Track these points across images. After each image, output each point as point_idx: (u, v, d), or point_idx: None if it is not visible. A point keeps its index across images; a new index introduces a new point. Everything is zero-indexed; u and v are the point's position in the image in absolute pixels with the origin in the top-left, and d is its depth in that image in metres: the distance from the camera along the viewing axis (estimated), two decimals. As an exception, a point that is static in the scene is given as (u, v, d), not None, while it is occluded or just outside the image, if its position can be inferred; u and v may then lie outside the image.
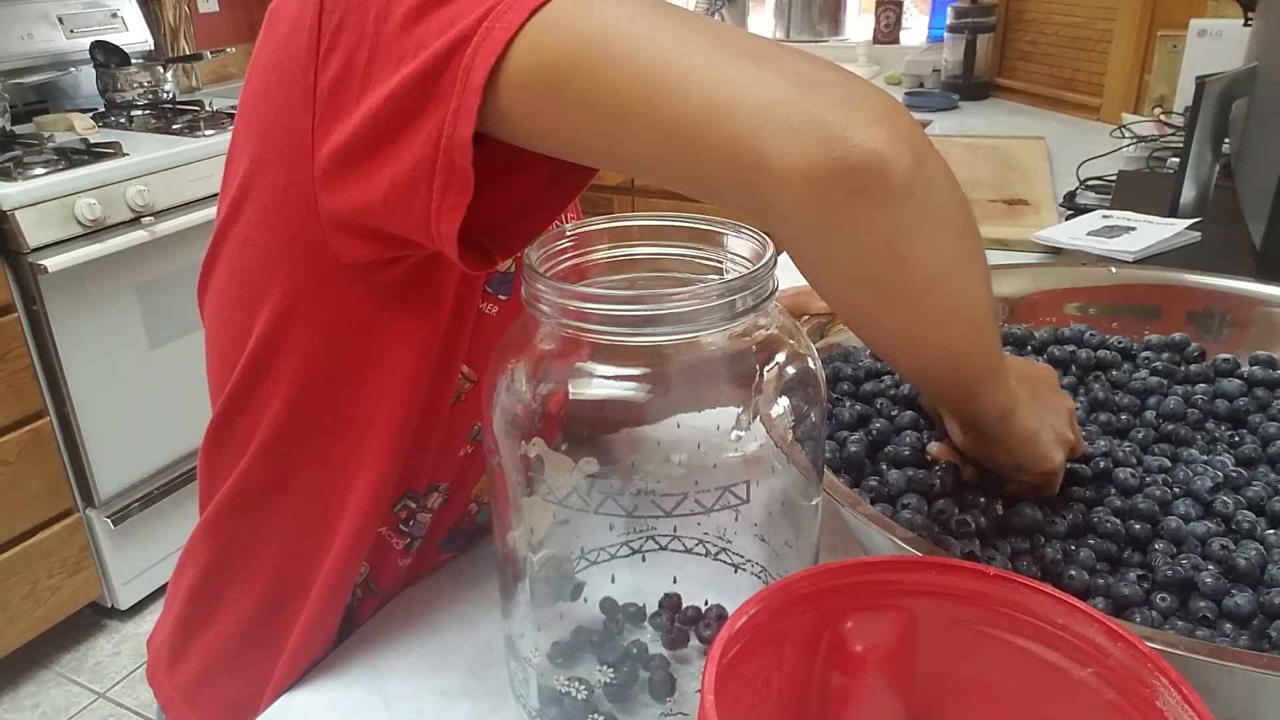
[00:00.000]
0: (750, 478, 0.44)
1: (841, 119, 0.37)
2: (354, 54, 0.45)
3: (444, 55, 0.41)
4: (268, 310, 0.54)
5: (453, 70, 0.41)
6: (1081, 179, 1.47)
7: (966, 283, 0.44)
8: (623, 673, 0.49)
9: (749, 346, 0.45)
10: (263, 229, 0.52)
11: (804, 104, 0.38)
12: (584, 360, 0.43)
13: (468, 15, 0.41)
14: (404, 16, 0.43)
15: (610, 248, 0.49)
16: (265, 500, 0.59)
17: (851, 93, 0.38)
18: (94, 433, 1.80)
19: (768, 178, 0.38)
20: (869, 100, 0.38)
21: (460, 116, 0.41)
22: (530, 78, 0.41)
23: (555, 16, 0.40)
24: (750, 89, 0.38)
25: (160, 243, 1.81)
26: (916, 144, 0.38)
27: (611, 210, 2.56)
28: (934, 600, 0.40)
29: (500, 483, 0.47)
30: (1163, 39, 1.80)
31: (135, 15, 2.38)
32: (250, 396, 0.57)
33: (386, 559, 0.63)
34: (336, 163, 0.47)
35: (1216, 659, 0.40)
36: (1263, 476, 0.60)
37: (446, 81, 0.41)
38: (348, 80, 0.46)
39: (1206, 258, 1.10)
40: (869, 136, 0.37)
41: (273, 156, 0.50)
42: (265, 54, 0.51)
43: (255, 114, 0.51)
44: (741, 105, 0.38)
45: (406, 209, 0.44)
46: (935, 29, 2.45)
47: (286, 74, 0.48)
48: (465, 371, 0.59)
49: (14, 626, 1.76)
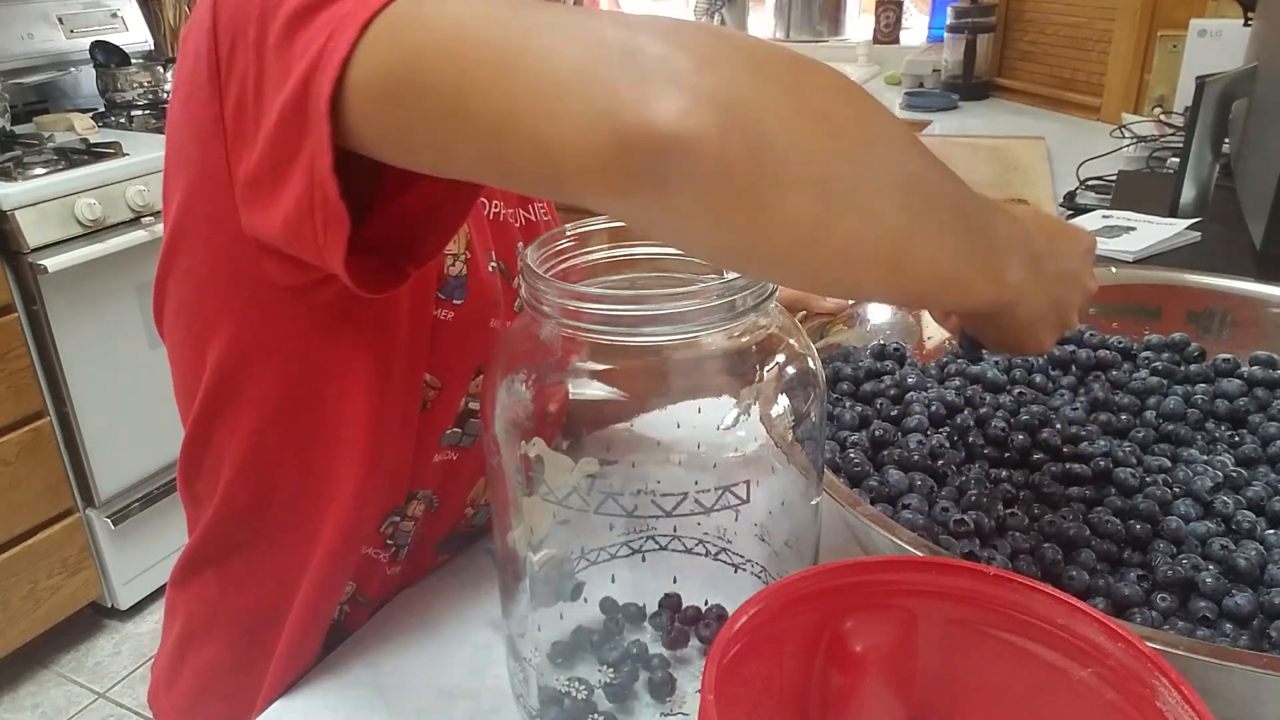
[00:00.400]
0: (750, 478, 0.44)
1: (628, 97, 0.32)
2: (244, 80, 0.44)
3: (302, 85, 0.40)
4: (218, 343, 0.53)
5: (310, 101, 0.40)
6: (1081, 179, 1.47)
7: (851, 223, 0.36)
8: (623, 673, 0.49)
9: (749, 346, 0.45)
10: (202, 261, 0.52)
11: (593, 87, 0.33)
12: (584, 360, 0.43)
13: (318, 38, 0.40)
14: (275, 42, 0.42)
15: (610, 248, 0.49)
16: (245, 525, 0.59)
17: (653, 58, 0.33)
18: (94, 433, 1.80)
19: (567, 178, 0.34)
20: (671, 62, 0.33)
21: (319, 148, 0.40)
22: (366, 97, 0.39)
23: (381, 30, 0.38)
24: (545, 82, 0.34)
25: (160, 243, 1.81)
26: (729, 103, 0.32)
27: (611, 210, 2.55)
28: (934, 600, 0.40)
29: (500, 483, 0.47)
30: (1163, 39, 1.80)
31: (135, 15, 2.38)
32: (215, 426, 0.56)
33: (373, 573, 0.63)
34: (246, 191, 0.46)
35: (1216, 659, 0.40)
36: (1263, 476, 0.60)
37: (309, 111, 0.40)
38: (243, 105, 0.45)
39: (1206, 258, 1.10)
40: (659, 112, 0.31)
41: (200, 190, 0.50)
42: (179, 82, 0.50)
43: (178, 145, 0.51)
44: (533, 102, 0.34)
45: (300, 241, 0.44)
46: (935, 29, 2.45)
47: (196, 102, 0.47)
48: (428, 379, 0.59)
49: (14, 626, 1.76)
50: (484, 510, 0.69)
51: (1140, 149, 1.60)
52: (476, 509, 0.68)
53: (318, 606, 0.58)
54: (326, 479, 0.56)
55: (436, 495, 0.64)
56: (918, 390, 0.68)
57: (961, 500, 0.56)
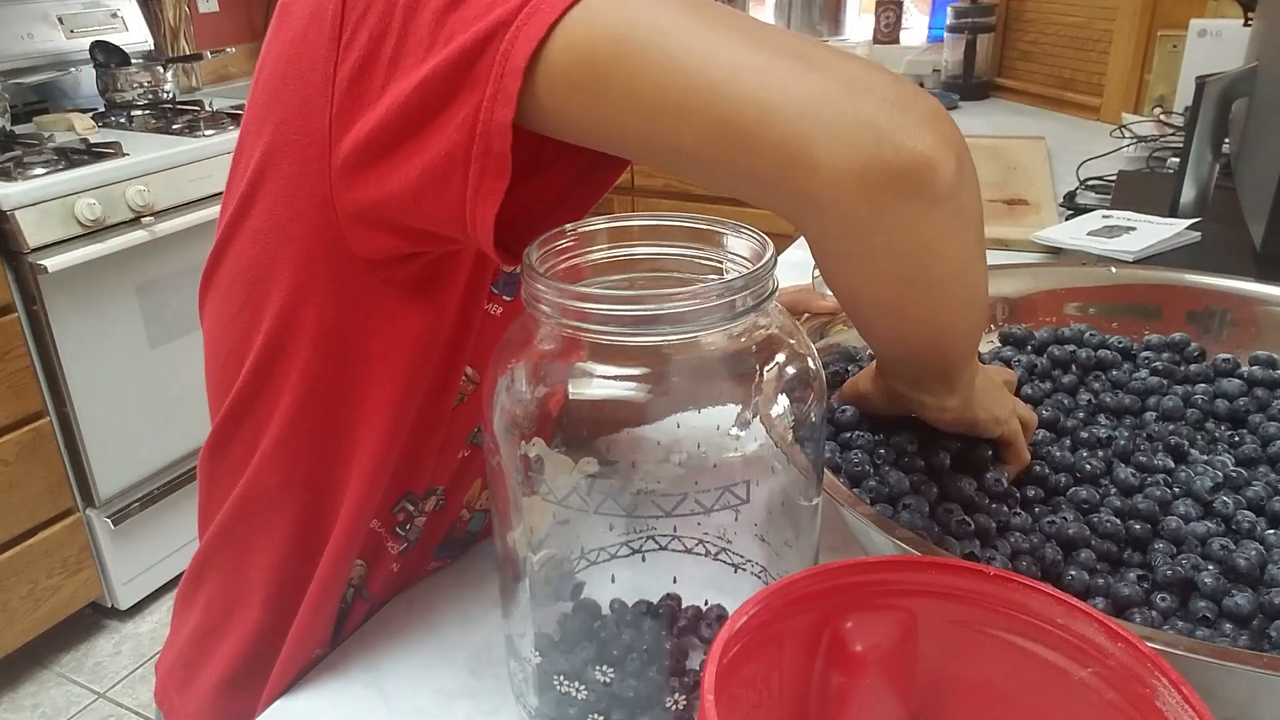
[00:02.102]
0: (750, 478, 0.44)
1: (891, 122, 0.38)
2: (379, 44, 0.44)
3: (481, 41, 0.41)
4: (276, 307, 0.53)
5: (489, 55, 0.41)
6: (1081, 179, 1.47)
7: (983, 272, 0.47)
8: (623, 672, 0.49)
9: (749, 346, 0.44)
10: (273, 224, 0.51)
11: (854, 106, 0.38)
12: (584, 360, 0.43)
13: (506, 2, 0.41)
14: (437, 7, 0.43)
15: (610, 248, 0.49)
16: (271, 503, 0.58)
17: (900, 95, 0.39)
18: (94, 433, 1.80)
19: (819, 179, 0.39)
20: (917, 104, 0.39)
21: (499, 101, 0.41)
22: (570, 67, 0.40)
23: (599, 6, 0.40)
24: (800, 89, 0.38)
25: (160, 243, 1.81)
26: (959, 148, 0.40)
27: (611, 210, 2.56)
28: (934, 600, 0.40)
29: (500, 483, 0.47)
30: (1163, 39, 1.80)
31: (135, 15, 2.38)
32: (257, 398, 0.56)
33: (381, 561, 0.63)
34: (360, 154, 0.46)
35: (1216, 659, 0.40)
36: (1263, 476, 0.60)
37: (482, 67, 0.41)
38: (371, 71, 0.45)
39: (1206, 258, 1.10)
40: (919, 141, 0.38)
41: (286, 150, 0.49)
42: (279, 46, 0.50)
43: (269, 107, 0.50)
44: (792, 105, 0.38)
45: (439, 197, 0.44)
46: (935, 29, 2.45)
47: (304, 65, 0.47)
48: (469, 373, 0.59)
49: (14, 626, 1.76)
50: (479, 515, 0.69)
51: (1140, 149, 1.60)
52: (472, 512, 0.68)
53: (333, 577, 0.58)
54: (353, 450, 0.56)
55: (445, 494, 0.64)
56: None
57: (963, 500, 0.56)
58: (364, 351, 0.54)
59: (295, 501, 0.58)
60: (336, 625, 0.62)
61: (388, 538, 0.62)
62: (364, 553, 0.61)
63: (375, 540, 0.61)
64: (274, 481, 0.58)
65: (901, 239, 0.41)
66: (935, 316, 0.47)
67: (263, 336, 0.54)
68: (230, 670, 0.63)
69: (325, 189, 0.48)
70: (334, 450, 0.56)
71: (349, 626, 0.63)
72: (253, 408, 0.56)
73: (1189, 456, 0.62)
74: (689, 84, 0.39)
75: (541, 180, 0.49)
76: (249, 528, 0.60)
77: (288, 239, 0.51)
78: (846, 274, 0.46)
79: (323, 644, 0.60)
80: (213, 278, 0.58)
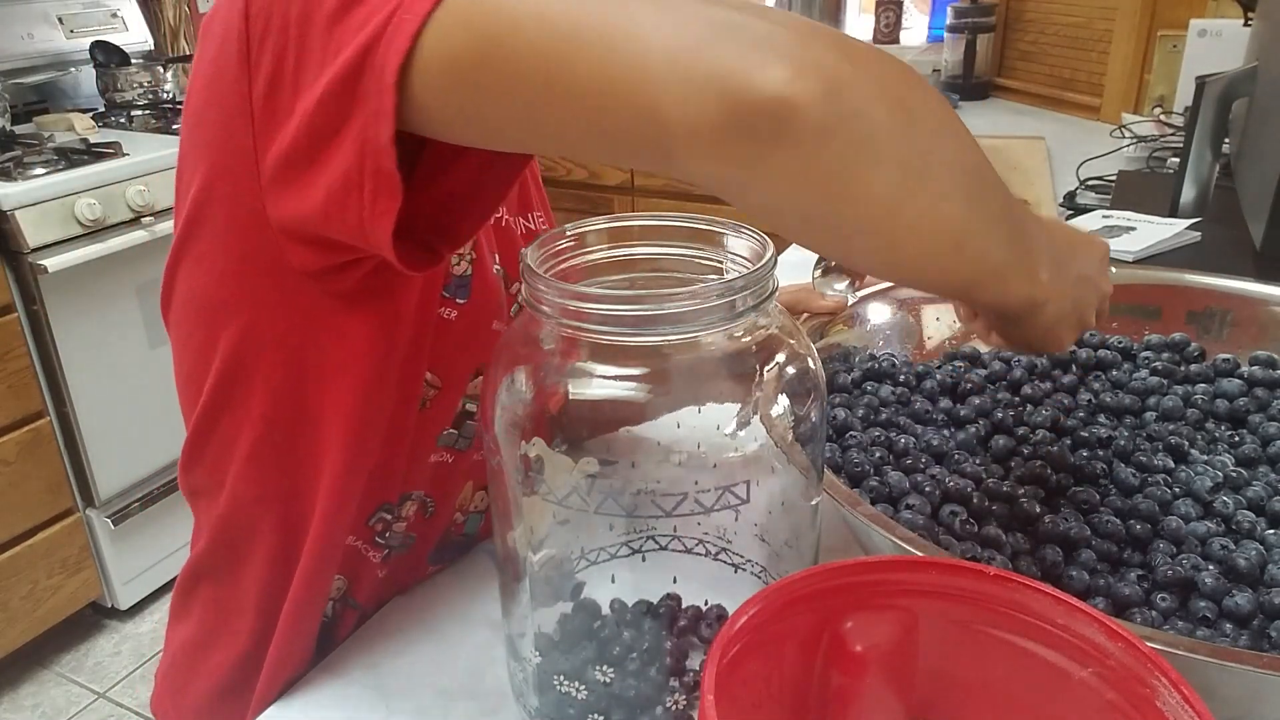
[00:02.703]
0: (750, 478, 0.44)
1: (738, 65, 0.35)
2: (281, 59, 0.44)
3: (360, 56, 0.40)
4: (231, 328, 0.53)
5: (369, 71, 0.40)
6: (1081, 179, 1.47)
7: (925, 203, 0.40)
8: (623, 672, 0.49)
9: (749, 346, 0.44)
10: (219, 247, 0.52)
11: (702, 55, 0.35)
12: (584, 360, 0.43)
13: (379, 11, 0.40)
14: (325, 18, 0.42)
15: (610, 248, 0.49)
16: (251, 519, 0.58)
17: (758, 32, 0.36)
18: (94, 433, 1.80)
19: (673, 142, 0.36)
20: (774, 36, 0.36)
21: (379, 119, 0.40)
22: (439, 70, 0.39)
23: (457, 4, 0.39)
24: (648, 49, 0.36)
25: (160, 243, 1.81)
26: (830, 74, 0.35)
27: (611, 210, 2.56)
28: (934, 600, 0.40)
29: (500, 483, 0.47)
30: (1163, 39, 1.80)
31: (135, 15, 2.38)
32: (223, 415, 0.56)
33: (364, 571, 0.62)
34: (278, 171, 0.46)
35: (1216, 659, 0.40)
36: (1263, 476, 0.60)
37: (365, 83, 0.40)
38: (279, 86, 0.45)
39: (1206, 258, 1.10)
40: (768, 78, 0.35)
41: (221, 173, 0.49)
42: (201, 68, 0.50)
43: (198, 130, 0.50)
44: (638, 69, 0.36)
45: (342, 217, 0.44)
46: (935, 29, 2.46)
47: (222, 86, 0.47)
48: (429, 378, 0.58)
49: (14, 626, 1.76)
50: (474, 517, 0.69)
51: (1140, 149, 1.60)
52: (466, 515, 0.68)
53: (307, 598, 0.58)
54: (321, 464, 0.56)
55: (431, 499, 0.64)
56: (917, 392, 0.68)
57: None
58: (320, 366, 0.53)
59: (273, 515, 0.58)
60: (327, 635, 0.62)
61: (368, 549, 0.62)
62: (343, 568, 0.61)
63: (353, 555, 0.61)
64: (250, 496, 0.58)
65: (788, 188, 0.37)
66: (883, 255, 0.42)
67: (220, 357, 0.54)
68: (221, 681, 0.63)
69: (259, 208, 0.48)
70: (302, 464, 0.56)
71: (340, 636, 0.63)
72: (219, 423, 0.57)
73: (1189, 456, 0.62)
74: (547, 65, 0.38)
75: (454, 172, 0.48)
76: (233, 542, 0.60)
77: (233, 260, 0.51)
78: (766, 226, 0.42)
79: (304, 661, 0.60)
80: (169, 298, 0.58)
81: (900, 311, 0.77)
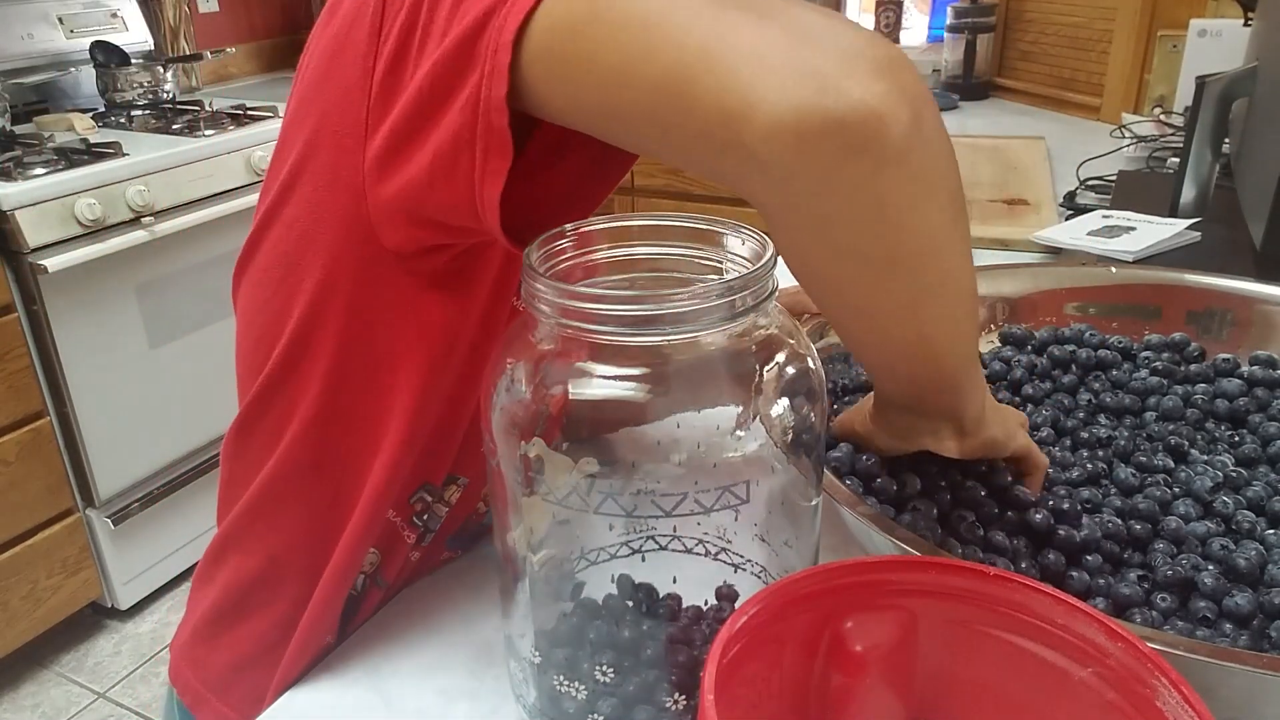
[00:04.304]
0: (750, 478, 0.44)
1: (838, 69, 0.36)
2: (409, 38, 0.46)
3: (478, 22, 0.42)
4: (308, 293, 0.54)
5: (487, 35, 0.41)
6: (1081, 179, 1.47)
7: (958, 256, 0.42)
8: (623, 672, 0.49)
9: (749, 346, 0.44)
10: (311, 212, 0.53)
11: (800, 53, 0.36)
12: (584, 360, 0.43)
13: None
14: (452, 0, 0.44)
15: (610, 248, 0.49)
16: (298, 485, 0.59)
17: (853, 43, 0.36)
18: (94, 433, 1.80)
19: (755, 129, 0.36)
20: (870, 51, 0.36)
21: (494, 77, 0.41)
22: (547, 38, 0.41)
23: None
24: (747, 38, 0.37)
25: (160, 243, 1.81)
26: (916, 101, 0.37)
27: (611, 210, 2.56)
28: (934, 600, 0.40)
29: (500, 483, 0.47)
30: (1163, 39, 1.80)
31: (135, 15, 2.38)
32: (287, 380, 0.57)
33: (397, 550, 0.63)
34: (386, 145, 0.47)
35: (1216, 659, 0.40)
36: (1263, 476, 0.60)
37: (481, 46, 0.42)
38: (402, 64, 0.46)
39: (1206, 258, 1.10)
40: (866, 90, 0.35)
41: (327, 139, 0.50)
42: (324, 40, 0.51)
43: (312, 98, 0.52)
44: (735, 54, 0.37)
45: (450, 180, 0.45)
46: (935, 29, 2.46)
47: (346, 59, 0.49)
48: None
49: (14, 626, 1.76)
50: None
51: (1140, 149, 1.60)
52: (488, 506, 0.68)
53: (347, 565, 0.58)
54: (380, 436, 0.56)
55: (471, 485, 0.64)
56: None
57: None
58: (390, 340, 0.54)
59: (324, 483, 0.58)
60: (351, 612, 0.62)
61: (404, 527, 0.62)
62: (379, 542, 0.61)
63: (391, 530, 0.61)
64: (306, 462, 0.58)
65: (849, 203, 0.38)
66: (910, 307, 0.43)
67: (294, 321, 0.55)
68: (245, 651, 0.63)
69: (359, 180, 0.49)
70: (362, 434, 0.57)
71: (363, 613, 0.63)
72: (282, 389, 0.57)
73: (1189, 456, 0.62)
74: (639, 44, 0.39)
75: (556, 171, 0.49)
76: (275, 509, 0.60)
77: (323, 226, 0.52)
78: (801, 249, 0.43)
79: (331, 631, 0.60)
80: (249, 261, 0.59)
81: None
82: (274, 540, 0.61)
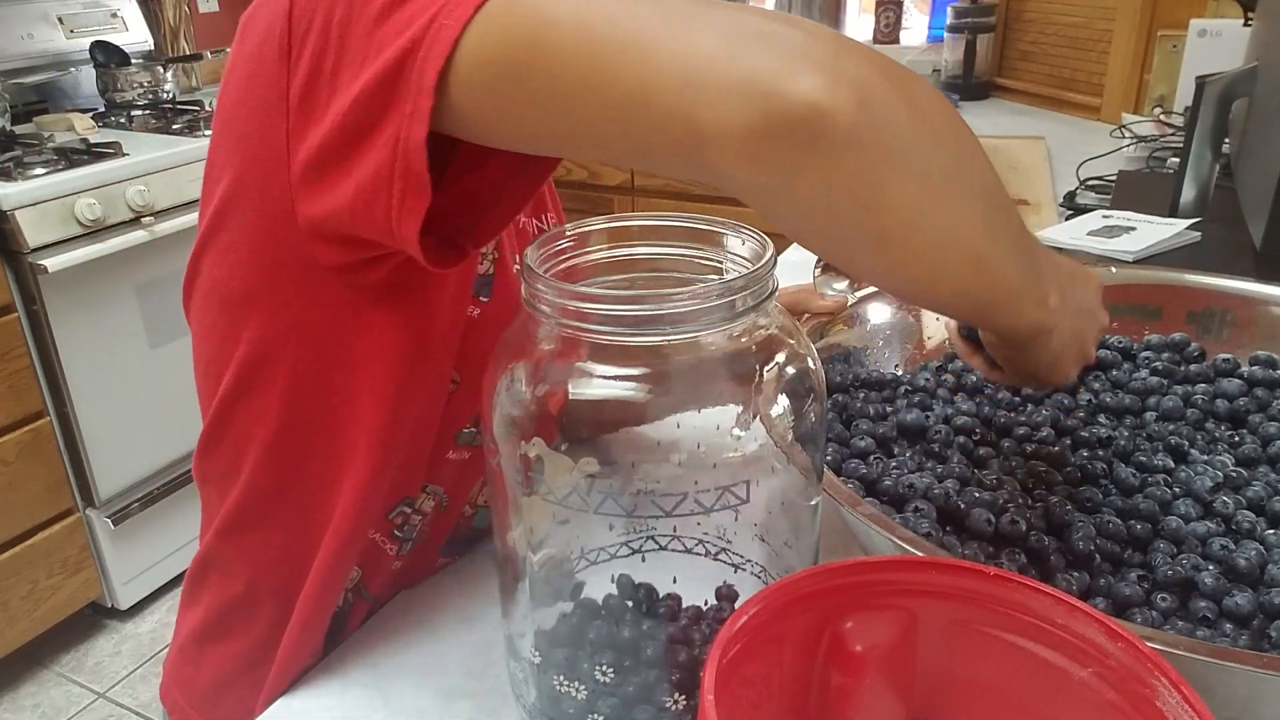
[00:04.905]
0: (750, 478, 0.43)
1: (775, 73, 0.36)
2: (321, 59, 0.45)
3: (400, 59, 0.41)
4: (254, 319, 0.54)
5: (407, 73, 0.41)
6: (1081, 179, 1.47)
7: (949, 218, 0.41)
8: (623, 672, 0.49)
9: (749, 346, 0.44)
10: (245, 238, 0.52)
11: (739, 63, 0.36)
12: (583, 360, 0.43)
13: (421, 16, 0.41)
14: (368, 22, 0.43)
15: (610, 248, 0.49)
16: (265, 509, 0.59)
17: (793, 42, 0.36)
18: (94, 433, 1.80)
19: (711, 149, 0.37)
20: (809, 47, 0.36)
21: (414, 119, 0.41)
22: (477, 74, 0.40)
23: (497, 10, 0.40)
24: (686, 55, 0.37)
25: (160, 243, 1.81)
26: (862, 85, 0.36)
27: (611, 210, 2.56)
28: (934, 600, 0.40)
29: (500, 483, 0.47)
30: (1163, 39, 1.80)
31: (135, 15, 2.38)
32: (240, 404, 0.56)
33: (379, 563, 0.63)
34: (309, 168, 0.47)
35: (1216, 659, 0.40)
36: (1263, 476, 0.60)
37: (403, 85, 0.41)
38: (316, 85, 0.46)
39: (1206, 258, 1.10)
40: (803, 87, 0.35)
41: (252, 168, 0.50)
42: (239, 63, 0.51)
43: (232, 123, 0.51)
44: (676, 74, 0.37)
45: (369, 214, 0.44)
46: (935, 29, 2.46)
47: (260, 81, 0.48)
48: (453, 375, 0.59)
49: (14, 626, 1.76)
50: (483, 511, 0.69)
51: (1140, 149, 1.60)
52: (475, 509, 0.68)
53: (324, 589, 0.58)
54: (346, 457, 0.56)
55: (447, 494, 0.64)
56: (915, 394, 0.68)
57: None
58: (347, 358, 0.54)
59: (292, 506, 0.58)
60: (338, 625, 0.62)
61: (386, 541, 0.62)
62: (360, 560, 0.61)
63: (371, 547, 0.61)
64: (270, 485, 0.58)
65: (817, 196, 0.38)
66: (903, 270, 0.42)
67: (242, 346, 0.55)
68: (230, 670, 0.63)
69: (288, 202, 0.49)
70: (325, 456, 0.56)
71: (350, 627, 0.63)
72: (236, 413, 0.57)
73: (1189, 456, 0.62)
74: (582, 73, 0.39)
75: (482, 171, 0.49)
76: (246, 533, 0.60)
77: (259, 252, 0.52)
78: (797, 236, 0.43)
79: (315, 652, 0.60)
80: (192, 286, 0.58)
81: (900, 312, 0.77)
82: (250, 563, 0.61)
